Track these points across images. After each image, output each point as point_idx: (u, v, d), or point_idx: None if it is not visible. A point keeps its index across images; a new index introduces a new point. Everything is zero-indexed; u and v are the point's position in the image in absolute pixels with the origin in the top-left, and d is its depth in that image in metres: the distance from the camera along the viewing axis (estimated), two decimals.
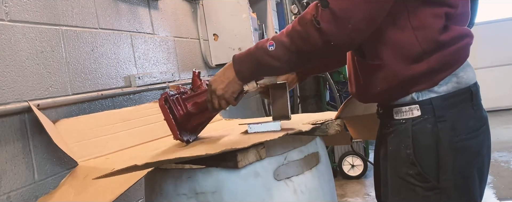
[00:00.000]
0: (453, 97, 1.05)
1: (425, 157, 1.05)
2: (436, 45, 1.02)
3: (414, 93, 1.06)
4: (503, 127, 4.91)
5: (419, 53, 1.02)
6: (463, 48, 1.06)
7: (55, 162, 1.33)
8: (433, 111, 1.04)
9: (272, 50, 1.06)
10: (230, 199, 1.11)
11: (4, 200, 1.15)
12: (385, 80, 1.07)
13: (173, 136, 1.25)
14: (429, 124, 1.04)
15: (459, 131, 1.04)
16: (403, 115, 1.08)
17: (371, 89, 1.11)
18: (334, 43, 0.98)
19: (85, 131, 1.36)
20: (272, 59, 1.06)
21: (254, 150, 1.07)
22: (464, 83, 1.06)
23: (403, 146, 1.08)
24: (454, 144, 1.04)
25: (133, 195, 1.70)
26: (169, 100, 1.23)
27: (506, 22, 5.88)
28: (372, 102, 1.21)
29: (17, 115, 1.22)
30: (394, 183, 1.12)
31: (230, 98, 1.17)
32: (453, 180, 1.04)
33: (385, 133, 1.14)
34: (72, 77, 1.46)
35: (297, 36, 1.02)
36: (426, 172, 1.05)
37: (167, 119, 1.22)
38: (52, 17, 1.40)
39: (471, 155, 1.06)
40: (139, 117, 1.56)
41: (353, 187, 3.41)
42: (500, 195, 2.94)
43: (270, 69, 1.10)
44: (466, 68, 1.08)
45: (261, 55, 1.07)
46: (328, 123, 1.32)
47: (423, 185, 1.06)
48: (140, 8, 1.93)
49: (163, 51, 2.07)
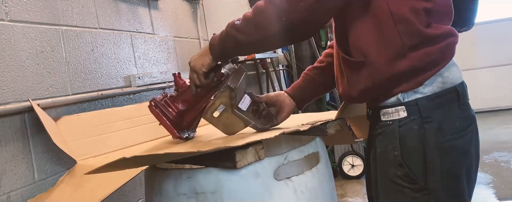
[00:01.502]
0: (439, 98, 1.05)
1: (412, 158, 1.05)
2: (418, 42, 1.02)
3: (400, 94, 1.06)
4: (503, 127, 4.91)
5: (401, 49, 1.02)
6: (447, 47, 1.06)
7: (55, 161, 1.33)
8: (419, 112, 1.04)
9: (237, 24, 1.10)
10: (230, 199, 1.11)
11: (4, 200, 1.15)
12: (370, 77, 1.07)
13: (172, 136, 1.28)
14: (416, 125, 1.04)
15: (445, 131, 1.04)
16: (389, 116, 1.08)
17: (355, 87, 1.11)
18: (286, 19, 1.03)
19: (85, 128, 1.36)
20: (236, 32, 1.10)
21: (253, 150, 1.07)
22: (449, 83, 1.06)
23: (390, 147, 1.07)
24: (441, 145, 1.03)
25: (133, 195, 1.70)
26: (159, 104, 1.28)
27: (506, 22, 5.88)
28: (358, 101, 1.20)
29: (17, 115, 1.22)
30: (383, 185, 1.12)
31: (199, 71, 1.18)
32: (441, 180, 1.04)
33: (374, 134, 1.14)
34: (72, 77, 1.46)
35: (258, 10, 1.07)
36: (414, 173, 1.05)
37: (162, 121, 1.27)
38: (52, 17, 1.40)
39: (458, 155, 1.06)
40: (140, 115, 1.56)
41: (353, 187, 3.41)
42: (500, 195, 2.94)
43: (236, 44, 1.12)
44: (451, 67, 1.07)
45: (229, 29, 1.12)
46: (328, 122, 1.32)
47: (411, 187, 1.05)
48: (140, 8, 1.93)
49: (163, 51, 2.07)
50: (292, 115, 1.39)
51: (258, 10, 1.07)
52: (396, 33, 1.02)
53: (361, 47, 1.06)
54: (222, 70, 1.21)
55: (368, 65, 1.06)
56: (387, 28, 1.03)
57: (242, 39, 1.10)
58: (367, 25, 1.05)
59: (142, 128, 1.54)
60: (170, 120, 1.27)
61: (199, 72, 1.19)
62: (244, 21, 1.10)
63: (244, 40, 1.10)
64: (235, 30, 1.11)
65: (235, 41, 1.11)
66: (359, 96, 1.13)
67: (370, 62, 1.05)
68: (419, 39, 1.03)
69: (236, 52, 1.19)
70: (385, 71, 1.04)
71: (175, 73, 1.34)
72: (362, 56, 1.07)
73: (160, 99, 1.28)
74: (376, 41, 1.04)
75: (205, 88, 1.25)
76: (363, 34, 1.06)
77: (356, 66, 1.09)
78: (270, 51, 2.97)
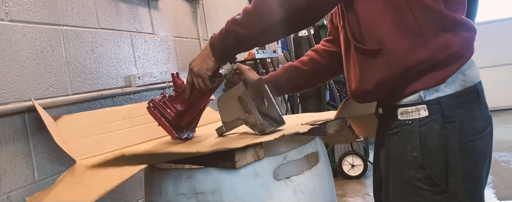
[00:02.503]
0: (461, 97, 1.01)
1: (434, 160, 1.01)
2: (435, 27, 0.98)
3: (422, 91, 1.01)
4: (503, 127, 4.91)
5: (419, 36, 0.98)
6: (467, 42, 1.02)
7: (55, 161, 1.33)
8: (441, 111, 1.00)
9: (238, 18, 1.07)
10: (229, 199, 1.11)
11: (4, 200, 1.15)
12: (387, 67, 1.01)
13: (171, 137, 1.29)
14: (437, 125, 1.00)
15: (466, 132, 1.00)
16: (408, 115, 1.03)
17: (371, 79, 1.04)
18: (289, 6, 0.99)
19: (85, 128, 1.36)
20: (238, 27, 1.06)
21: (252, 150, 1.07)
22: (470, 82, 1.02)
23: (409, 148, 1.03)
24: (462, 146, 1.00)
25: (133, 195, 1.71)
26: (157, 105, 1.27)
27: (506, 22, 5.88)
28: (373, 97, 1.12)
29: (17, 115, 1.22)
30: (398, 187, 1.07)
31: (204, 75, 1.15)
32: (463, 183, 1.00)
33: (387, 134, 1.09)
34: (72, 77, 1.46)
35: (259, 0, 1.04)
36: (436, 175, 1.01)
37: (160, 122, 1.27)
38: (52, 17, 1.40)
39: (478, 156, 1.02)
40: (140, 115, 1.56)
41: (353, 187, 3.41)
42: (500, 195, 2.94)
43: (238, 39, 1.08)
44: (471, 66, 1.04)
45: (229, 25, 1.08)
46: (327, 122, 1.32)
47: (431, 189, 1.01)
48: (140, 8, 1.93)
49: (163, 51, 2.07)
50: (292, 115, 1.39)
51: (260, 0, 1.03)
52: (413, 18, 0.98)
53: (376, 35, 1.01)
54: (220, 70, 1.20)
55: (385, 54, 1.00)
56: (402, 14, 0.98)
57: (244, 33, 1.06)
58: (379, 10, 1.01)
59: (142, 127, 1.54)
60: (169, 120, 1.27)
61: (204, 77, 1.16)
62: (245, 14, 1.06)
63: (246, 33, 1.06)
64: (236, 25, 1.07)
65: (237, 36, 1.08)
66: (375, 90, 1.06)
67: (387, 51, 1.00)
68: (437, 25, 0.98)
69: (239, 48, 1.15)
70: (403, 60, 0.99)
71: (173, 73, 1.34)
72: (377, 44, 1.01)
73: (158, 100, 1.28)
74: (392, 28, 0.99)
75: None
76: (377, 20, 1.01)
77: (371, 55, 1.03)
78: (274, 42, 2.97)
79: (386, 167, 1.11)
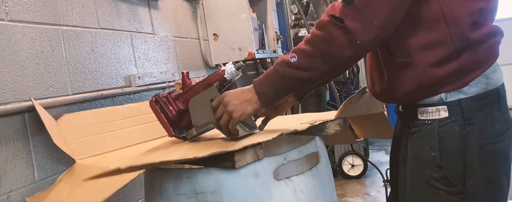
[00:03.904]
0: (482, 99, 1.01)
1: (451, 160, 1.01)
2: (468, 43, 0.99)
3: (443, 93, 1.02)
4: None
5: (453, 52, 0.99)
6: (492, 47, 1.03)
7: (55, 161, 1.33)
8: (462, 113, 1.00)
9: (294, 62, 1.02)
10: (229, 199, 1.11)
11: (4, 200, 1.15)
12: (416, 79, 1.02)
13: (167, 134, 1.28)
14: (457, 126, 1.00)
15: (486, 134, 1.00)
16: (429, 115, 1.04)
17: (399, 89, 1.06)
18: (360, 41, 0.96)
19: (86, 127, 1.36)
20: (298, 71, 1.03)
21: (251, 150, 1.07)
22: (492, 85, 1.03)
23: (427, 147, 1.03)
24: (482, 148, 1.00)
25: (133, 195, 1.71)
26: (160, 100, 1.27)
27: (506, 22, 5.87)
28: (397, 101, 1.15)
29: (17, 115, 1.22)
30: (415, 186, 1.08)
31: (237, 119, 1.11)
32: (480, 184, 1.01)
33: (407, 133, 1.10)
34: (72, 77, 1.46)
35: (319, 40, 1.00)
36: (453, 176, 1.01)
37: (159, 118, 1.27)
38: (52, 17, 1.40)
39: (498, 159, 1.03)
40: (140, 114, 1.56)
41: (353, 187, 3.41)
42: None
43: (298, 82, 1.05)
44: (495, 68, 1.04)
45: (284, 69, 1.04)
46: (327, 122, 1.32)
47: (448, 189, 1.02)
48: (140, 8, 1.93)
49: (163, 51, 2.07)
50: (292, 115, 1.39)
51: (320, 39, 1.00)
52: (448, 35, 0.98)
53: (408, 47, 1.01)
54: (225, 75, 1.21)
55: (415, 67, 1.01)
56: (438, 30, 0.99)
57: (308, 76, 1.03)
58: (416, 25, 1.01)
59: (143, 127, 1.54)
60: (168, 117, 1.27)
61: (236, 120, 1.11)
62: (303, 56, 1.02)
63: (310, 75, 1.03)
64: (293, 69, 1.03)
65: (298, 80, 1.04)
66: (403, 97, 1.08)
67: (417, 64, 1.01)
68: (470, 42, 0.99)
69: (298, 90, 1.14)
70: (432, 74, 1.00)
71: (183, 72, 1.33)
72: (408, 57, 1.02)
73: (162, 96, 1.28)
74: (425, 43, 1.00)
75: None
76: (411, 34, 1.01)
77: (400, 66, 1.04)
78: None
79: (402, 165, 1.12)
